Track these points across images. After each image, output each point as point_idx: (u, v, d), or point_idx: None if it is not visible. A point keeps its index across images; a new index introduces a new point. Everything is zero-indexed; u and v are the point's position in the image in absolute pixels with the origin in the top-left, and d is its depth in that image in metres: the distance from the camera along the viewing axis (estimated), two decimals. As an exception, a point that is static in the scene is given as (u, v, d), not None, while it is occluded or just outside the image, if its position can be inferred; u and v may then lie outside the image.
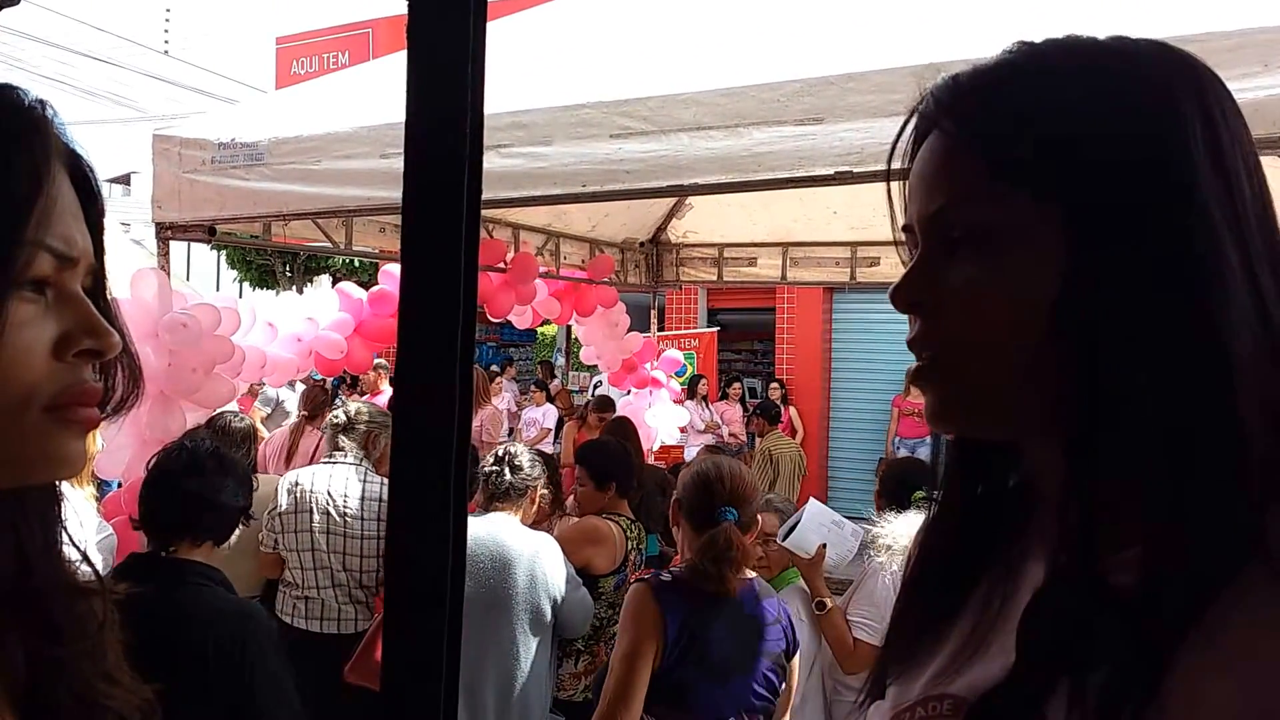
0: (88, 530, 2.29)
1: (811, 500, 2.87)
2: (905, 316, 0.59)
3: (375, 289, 4.00)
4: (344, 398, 6.68)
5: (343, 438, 3.24)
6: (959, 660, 0.59)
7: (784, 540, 2.71)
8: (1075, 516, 0.51)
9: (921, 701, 0.61)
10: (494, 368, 10.22)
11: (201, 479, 1.81)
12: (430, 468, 0.46)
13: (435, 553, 0.46)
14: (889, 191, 0.61)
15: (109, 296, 0.59)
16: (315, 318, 3.74)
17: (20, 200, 0.51)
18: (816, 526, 2.71)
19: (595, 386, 6.19)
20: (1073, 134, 0.52)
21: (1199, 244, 0.49)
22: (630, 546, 3.05)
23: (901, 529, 2.22)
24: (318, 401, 5.04)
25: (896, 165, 0.60)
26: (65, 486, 0.64)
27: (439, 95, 0.54)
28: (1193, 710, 0.45)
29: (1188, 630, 0.46)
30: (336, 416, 3.32)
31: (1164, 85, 0.52)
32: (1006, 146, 0.53)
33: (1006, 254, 0.53)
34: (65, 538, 0.61)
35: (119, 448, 2.93)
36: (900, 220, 0.61)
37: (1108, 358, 0.50)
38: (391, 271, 4.03)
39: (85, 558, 0.63)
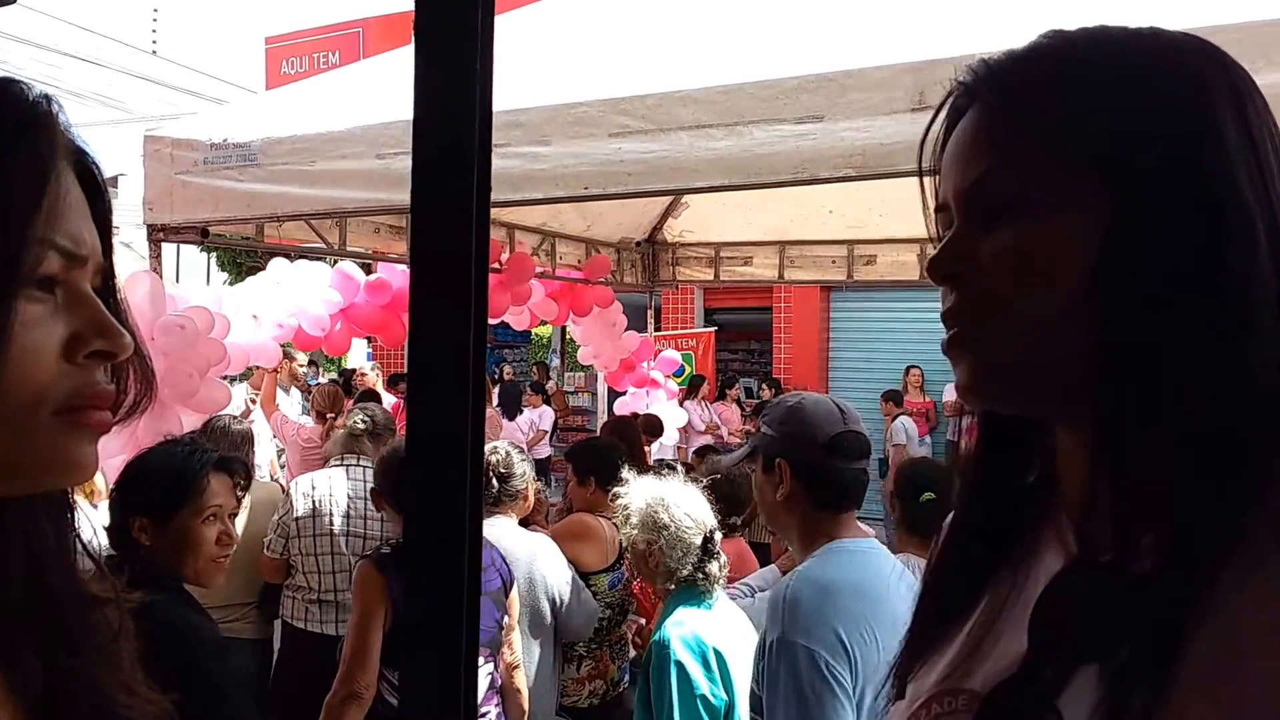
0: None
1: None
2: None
3: (373, 276, 3.99)
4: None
5: (365, 441, 3.30)
6: (974, 654, 0.59)
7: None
8: (1104, 495, 0.51)
9: (937, 697, 0.61)
10: (507, 366, 10.12)
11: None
12: (444, 463, 0.47)
13: (452, 547, 0.46)
14: (920, 182, 0.61)
15: (119, 297, 0.57)
16: (303, 300, 3.71)
17: (26, 197, 0.50)
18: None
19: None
20: (1113, 105, 0.53)
21: (1233, 222, 0.50)
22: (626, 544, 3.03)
23: (637, 492, 2.15)
24: (339, 401, 5.13)
25: (927, 155, 0.61)
26: None
27: (447, 92, 0.52)
28: (1209, 696, 0.45)
29: (1197, 602, 0.46)
30: (359, 422, 3.37)
31: (1197, 74, 0.53)
32: (1048, 114, 0.54)
33: (1044, 222, 0.54)
34: (79, 546, 0.60)
35: (112, 454, 2.89)
36: (931, 205, 0.61)
37: (1141, 327, 0.50)
38: (390, 264, 4.03)
39: (100, 566, 0.62)
